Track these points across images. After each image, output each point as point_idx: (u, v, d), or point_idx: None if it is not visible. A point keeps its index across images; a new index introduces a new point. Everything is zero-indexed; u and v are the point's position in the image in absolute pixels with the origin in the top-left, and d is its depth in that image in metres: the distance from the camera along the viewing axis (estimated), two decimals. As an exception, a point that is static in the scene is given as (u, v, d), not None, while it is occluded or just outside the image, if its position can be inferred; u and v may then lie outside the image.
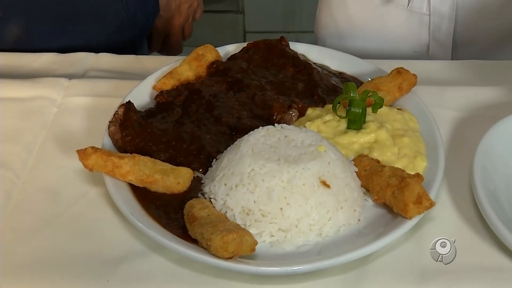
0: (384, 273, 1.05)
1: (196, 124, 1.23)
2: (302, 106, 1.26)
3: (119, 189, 1.11)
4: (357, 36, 1.64)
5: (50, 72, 1.44)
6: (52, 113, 1.33)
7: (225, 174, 1.10)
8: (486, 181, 1.11)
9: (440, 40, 1.58)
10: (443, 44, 1.58)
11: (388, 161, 1.15)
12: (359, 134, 1.19)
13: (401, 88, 1.28)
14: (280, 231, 1.06)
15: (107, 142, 1.20)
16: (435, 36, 1.57)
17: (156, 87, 1.31)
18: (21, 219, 1.13)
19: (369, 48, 1.60)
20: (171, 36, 1.87)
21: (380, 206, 1.11)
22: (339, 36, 1.67)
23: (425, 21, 1.57)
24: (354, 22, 1.64)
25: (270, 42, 1.38)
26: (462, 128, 1.28)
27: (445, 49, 1.58)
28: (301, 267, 1.01)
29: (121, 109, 1.22)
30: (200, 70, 1.34)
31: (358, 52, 1.43)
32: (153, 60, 1.50)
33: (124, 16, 1.65)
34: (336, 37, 1.67)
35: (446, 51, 1.59)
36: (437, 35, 1.57)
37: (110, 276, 1.04)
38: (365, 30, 1.63)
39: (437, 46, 1.58)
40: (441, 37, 1.57)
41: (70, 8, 1.57)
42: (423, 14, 1.56)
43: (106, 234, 1.11)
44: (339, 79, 1.35)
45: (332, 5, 1.69)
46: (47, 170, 1.22)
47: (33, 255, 1.08)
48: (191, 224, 1.04)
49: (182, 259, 1.05)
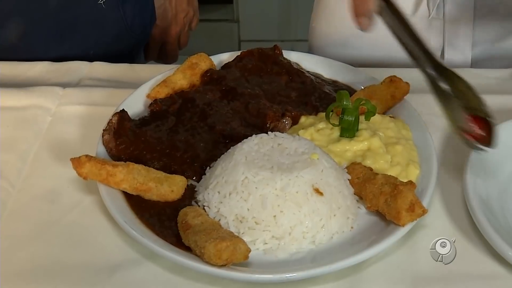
0: (377, 280, 1.05)
1: (190, 132, 1.23)
2: (295, 114, 1.27)
3: (113, 197, 1.11)
4: (356, 44, 1.62)
5: (45, 81, 1.44)
6: (46, 121, 1.34)
7: (218, 182, 1.10)
8: (479, 188, 1.12)
9: (458, 45, 1.54)
10: (462, 50, 1.54)
11: (381, 169, 1.16)
12: (352, 142, 1.19)
13: (394, 96, 1.29)
14: (274, 239, 1.07)
15: (101, 151, 1.20)
16: (451, 42, 1.54)
17: (150, 95, 1.31)
18: (16, 228, 1.13)
19: (369, 56, 1.59)
20: (167, 45, 1.87)
21: (373, 213, 1.12)
22: (335, 44, 1.65)
23: (436, 26, 1.53)
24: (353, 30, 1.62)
25: (263, 50, 1.39)
26: (455, 136, 1.28)
27: (464, 53, 1.55)
28: (294, 274, 1.01)
29: (115, 117, 1.22)
30: (194, 79, 1.34)
31: (357, 61, 1.43)
32: (147, 68, 1.51)
33: (122, 26, 1.65)
34: (332, 45, 1.65)
35: (465, 55, 1.55)
36: (453, 41, 1.53)
37: (105, 284, 1.04)
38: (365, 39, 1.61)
39: (453, 51, 1.55)
40: (458, 43, 1.54)
41: (68, 17, 1.57)
42: (433, 19, 1.53)
43: (101, 242, 1.11)
44: (332, 87, 1.35)
45: (327, 14, 1.68)
46: (42, 179, 1.22)
47: (28, 264, 1.08)
48: (185, 232, 1.05)
49: (176, 267, 1.05)
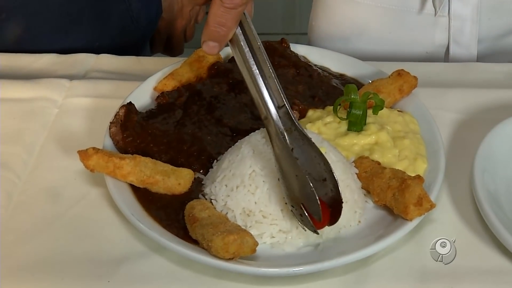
0: (385, 274, 1.05)
1: (197, 125, 1.23)
2: (303, 108, 1.26)
3: (120, 190, 1.11)
4: (356, 41, 1.61)
5: (51, 73, 1.44)
6: (53, 114, 1.33)
7: (226, 175, 1.10)
8: (487, 183, 1.12)
9: (463, 42, 1.53)
10: (467, 46, 1.53)
11: (389, 163, 1.15)
12: (360, 136, 1.19)
13: (401, 90, 1.28)
14: (281, 233, 1.06)
15: (108, 143, 1.20)
16: (456, 39, 1.53)
17: (157, 88, 1.31)
18: (22, 220, 1.13)
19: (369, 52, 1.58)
20: (173, 38, 1.87)
21: (381, 208, 1.11)
22: (335, 42, 1.62)
23: (441, 23, 1.52)
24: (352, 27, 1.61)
25: (270, 44, 1.39)
26: (462, 130, 1.28)
27: (469, 50, 1.54)
28: (301, 268, 1.01)
29: (122, 110, 1.22)
30: (201, 72, 1.34)
31: (357, 57, 1.42)
32: (154, 61, 1.51)
33: (127, 18, 1.65)
34: (332, 43, 1.63)
35: (470, 51, 1.54)
36: (458, 38, 1.52)
37: (111, 277, 1.04)
38: (364, 36, 1.60)
39: (459, 48, 1.54)
40: (464, 40, 1.53)
41: (73, 9, 1.57)
42: (439, 16, 1.51)
43: (107, 235, 1.11)
44: (340, 81, 1.35)
45: (327, 12, 1.65)
46: (48, 171, 1.22)
47: (34, 256, 1.08)
48: (192, 225, 1.04)
49: (183, 260, 1.05)
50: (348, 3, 1.59)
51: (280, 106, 1.05)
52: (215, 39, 1.02)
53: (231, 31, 1.02)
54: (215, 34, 1.01)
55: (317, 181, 1.03)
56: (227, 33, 1.02)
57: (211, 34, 1.02)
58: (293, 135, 1.05)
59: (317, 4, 1.68)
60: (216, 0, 0.99)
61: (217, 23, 1.01)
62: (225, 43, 1.03)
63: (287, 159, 1.03)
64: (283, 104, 1.05)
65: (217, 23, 1.01)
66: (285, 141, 1.03)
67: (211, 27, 1.01)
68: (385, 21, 1.55)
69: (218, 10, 1.00)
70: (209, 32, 1.02)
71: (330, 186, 1.02)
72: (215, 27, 1.01)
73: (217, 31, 1.01)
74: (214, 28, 1.01)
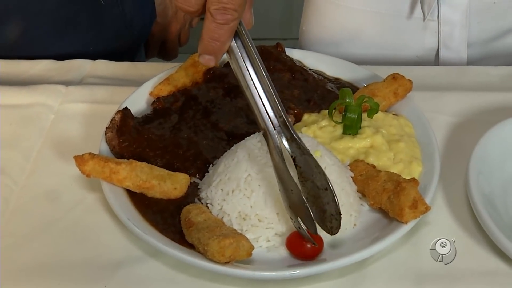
0: (381, 277, 1.05)
1: (192, 130, 1.23)
2: (298, 112, 1.27)
3: (116, 194, 1.11)
4: (347, 45, 1.61)
5: (47, 79, 1.44)
6: (49, 119, 1.34)
7: (221, 179, 1.10)
8: (482, 185, 1.12)
9: (453, 46, 1.54)
10: (457, 51, 1.54)
11: (384, 166, 1.16)
12: (355, 139, 1.19)
13: (396, 93, 1.29)
14: (277, 236, 1.07)
15: (104, 148, 1.20)
16: (446, 43, 1.54)
17: (153, 93, 1.31)
18: (19, 225, 1.14)
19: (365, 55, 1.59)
20: (167, 43, 1.87)
21: (376, 210, 1.12)
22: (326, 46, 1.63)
23: (431, 27, 1.53)
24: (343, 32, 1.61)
25: (266, 48, 1.39)
26: (457, 133, 1.28)
27: (459, 54, 1.54)
28: (297, 271, 1.02)
29: (118, 115, 1.22)
30: (197, 76, 1.34)
31: (355, 59, 1.43)
32: (150, 66, 1.51)
33: (121, 23, 1.65)
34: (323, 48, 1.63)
35: (460, 55, 1.55)
36: (448, 42, 1.53)
37: (108, 281, 1.05)
38: (356, 40, 1.60)
39: (449, 52, 1.54)
40: (454, 44, 1.53)
41: (68, 13, 1.57)
42: (428, 20, 1.52)
43: (104, 240, 1.11)
44: (335, 85, 1.35)
45: (318, 17, 1.66)
46: (45, 176, 1.22)
47: (31, 261, 1.08)
48: (188, 229, 1.05)
49: (179, 264, 1.05)
50: (339, 7, 1.59)
51: (278, 116, 1.05)
52: (210, 52, 1.03)
53: (225, 44, 1.03)
54: (209, 48, 1.02)
55: (320, 189, 1.04)
56: (221, 47, 1.02)
57: (206, 48, 1.02)
58: (294, 144, 1.05)
59: (308, 9, 1.68)
60: (208, 16, 1.00)
61: (211, 38, 1.01)
62: (221, 55, 1.04)
63: (283, 174, 1.03)
64: (281, 116, 1.05)
65: (211, 37, 1.01)
66: (281, 155, 1.04)
67: (205, 41, 1.02)
68: (375, 25, 1.56)
69: (211, 25, 1.00)
70: (204, 45, 1.02)
71: (330, 196, 1.03)
72: (209, 41, 1.01)
73: (211, 45, 1.02)
74: (208, 42, 1.01)
